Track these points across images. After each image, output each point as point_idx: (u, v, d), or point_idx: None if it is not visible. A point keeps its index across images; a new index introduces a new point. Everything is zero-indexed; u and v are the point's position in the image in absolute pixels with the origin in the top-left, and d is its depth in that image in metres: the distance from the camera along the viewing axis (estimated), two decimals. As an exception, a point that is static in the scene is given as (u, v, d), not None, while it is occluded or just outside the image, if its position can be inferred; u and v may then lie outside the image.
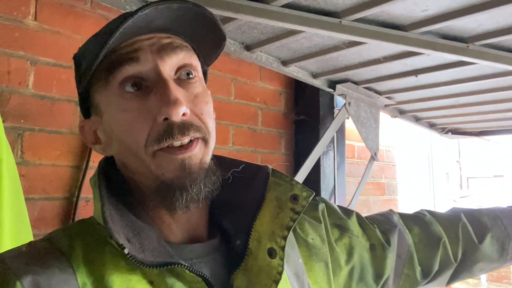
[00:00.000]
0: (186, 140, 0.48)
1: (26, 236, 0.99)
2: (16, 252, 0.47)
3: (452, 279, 0.77)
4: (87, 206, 1.26)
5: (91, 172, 1.25)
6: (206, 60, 0.57)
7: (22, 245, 0.48)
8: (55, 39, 1.24)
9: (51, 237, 0.49)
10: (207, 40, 0.54)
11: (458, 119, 2.28)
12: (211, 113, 0.53)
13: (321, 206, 0.67)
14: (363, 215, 0.75)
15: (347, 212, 0.70)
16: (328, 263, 0.62)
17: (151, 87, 0.49)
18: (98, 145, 0.55)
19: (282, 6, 1.10)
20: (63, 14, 1.25)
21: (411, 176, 3.36)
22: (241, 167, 0.58)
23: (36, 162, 1.18)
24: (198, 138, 0.49)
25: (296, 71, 1.64)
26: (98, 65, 0.49)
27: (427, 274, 0.73)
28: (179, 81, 0.50)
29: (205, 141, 0.50)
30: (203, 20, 0.51)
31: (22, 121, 1.16)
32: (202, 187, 0.49)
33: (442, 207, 3.73)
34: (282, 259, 0.51)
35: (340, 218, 0.68)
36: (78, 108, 1.25)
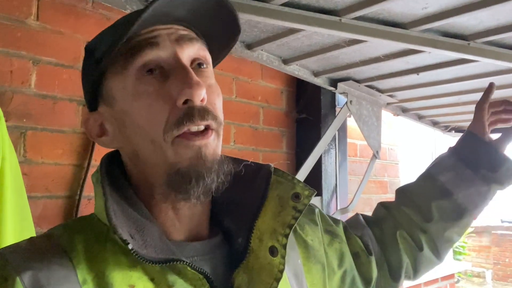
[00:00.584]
0: (203, 125, 0.49)
1: (28, 234, 1.00)
2: (16, 248, 0.47)
3: (438, 255, 0.77)
4: (89, 204, 1.27)
5: (93, 171, 1.26)
6: (213, 59, 0.58)
7: (22, 241, 0.49)
8: (57, 39, 1.25)
9: (52, 233, 0.50)
10: (220, 34, 0.55)
11: (461, 117, 2.27)
12: (221, 107, 0.54)
13: (317, 210, 0.69)
14: (366, 213, 0.76)
15: (335, 220, 0.72)
16: (325, 266, 0.63)
17: (168, 73, 0.49)
18: (104, 137, 0.54)
19: (282, 5, 1.10)
20: (65, 14, 1.26)
21: (414, 175, 3.35)
22: (243, 165, 0.58)
23: (38, 161, 1.19)
24: (213, 129, 0.50)
25: (297, 70, 1.64)
26: (115, 51, 0.49)
27: (396, 272, 0.74)
28: (194, 71, 0.51)
29: (218, 133, 0.51)
30: (220, 10, 0.52)
31: (24, 120, 1.17)
32: (215, 177, 0.49)
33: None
34: (283, 257, 0.51)
35: (330, 225, 0.70)
36: (80, 108, 1.27)
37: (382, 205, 0.82)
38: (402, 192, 0.82)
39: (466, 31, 1.21)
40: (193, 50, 0.51)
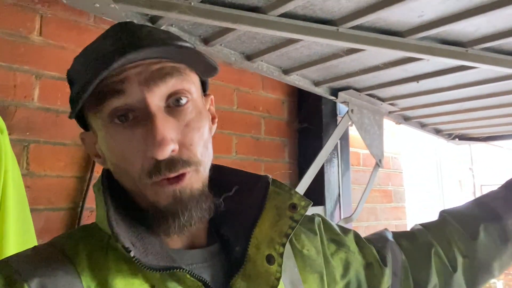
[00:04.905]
0: (173, 175, 0.48)
1: (31, 246, 1.01)
2: (22, 256, 0.48)
3: (472, 285, 0.72)
4: (92, 216, 1.28)
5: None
6: (203, 74, 0.56)
7: (27, 249, 0.50)
8: (60, 53, 1.27)
9: (56, 241, 0.51)
10: (200, 64, 0.53)
11: (464, 124, 2.26)
12: (203, 138, 0.52)
13: (318, 220, 0.68)
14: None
15: (345, 230, 0.71)
16: (323, 275, 0.63)
17: (139, 118, 0.48)
18: (97, 158, 0.56)
19: (279, 16, 1.12)
20: (67, 29, 1.29)
21: (419, 183, 3.32)
22: (240, 178, 0.59)
23: (41, 173, 1.20)
24: (187, 172, 0.49)
25: (297, 80, 1.66)
26: (76, 98, 0.48)
27: None
28: (169, 110, 0.49)
29: (196, 170, 0.51)
30: (193, 53, 0.50)
31: (27, 133, 1.18)
32: (193, 214, 0.50)
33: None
34: (280, 266, 0.52)
35: (336, 234, 0.69)
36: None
37: (419, 224, 0.78)
38: (447, 211, 0.78)
39: (463, 38, 1.22)
40: (166, 88, 0.48)
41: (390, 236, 0.74)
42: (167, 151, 0.46)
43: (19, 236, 0.98)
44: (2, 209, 0.95)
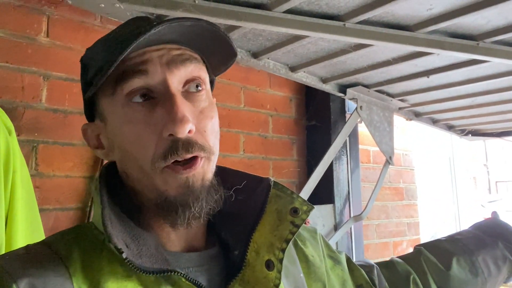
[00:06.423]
0: (189, 156, 0.48)
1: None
2: (12, 255, 0.47)
3: None
4: (100, 216, 1.29)
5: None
6: (214, 71, 0.57)
7: (19, 248, 0.49)
8: (67, 54, 1.28)
9: (49, 241, 0.50)
10: (217, 54, 0.54)
11: (477, 119, 2.21)
12: (214, 128, 0.52)
13: (319, 233, 0.69)
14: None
15: (338, 250, 0.73)
16: (326, 285, 0.62)
17: (158, 99, 0.49)
18: (100, 150, 0.55)
19: (284, 12, 1.11)
20: (74, 30, 1.30)
21: (432, 180, 3.27)
22: (242, 179, 0.58)
23: (50, 174, 1.21)
24: (202, 157, 0.49)
25: (304, 77, 1.64)
26: (95, 77, 0.49)
27: None
28: (187, 94, 0.50)
29: (208, 159, 0.51)
30: (215, 36, 0.51)
31: (36, 134, 1.20)
32: (204, 205, 0.49)
33: (468, 212, 3.61)
34: (279, 272, 0.51)
35: (333, 251, 0.69)
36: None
37: (396, 257, 0.82)
38: (422, 245, 0.82)
39: (474, 31, 1.19)
40: (185, 72, 0.50)
41: (372, 263, 0.77)
42: (187, 128, 0.47)
43: (27, 235, 0.99)
44: (11, 209, 0.96)
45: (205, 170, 0.50)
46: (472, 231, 0.83)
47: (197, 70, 0.51)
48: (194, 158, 0.48)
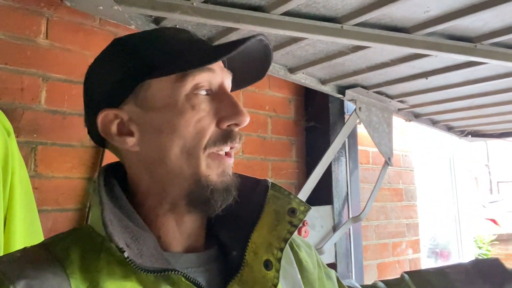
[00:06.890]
0: (235, 146, 0.55)
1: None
2: (10, 257, 0.48)
3: None
4: (99, 217, 1.29)
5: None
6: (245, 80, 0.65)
7: (16, 250, 0.49)
8: (66, 56, 1.28)
9: (46, 243, 0.50)
10: (246, 78, 0.62)
11: (476, 121, 2.21)
12: None
13: (313, 247, 0.71)
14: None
15: (328, 266, 0.74)
16: None
17: (214, 96, 0.54)
18: (125, 138, 0.53)
19: (282, 14, 1.11)
20: (73, 31, 1.31)
21: (432, 181, 3.27)
22: (240, 181, 0.58)
23: (49, 175, 1.22)
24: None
25: (303, 78, 1.64)
26: (173, 63, 0.52)
27: None
28: None
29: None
30: (262, 59, 0.59)
31: (35, 135, 1.20)
32: (229, 198, 0.53)
33: (468, 213, 3.60)
34: (278, 271, 0.52)
35: (325, 267, 0.71)
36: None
37: (380, 280, 0.83)
38: (407, 273, 0.83)
39: (471, 33, 1.19)
40: (229, 82, 0.58)
41: (359, 286, 0.79)
42: (247, 121, 0.55)
43: (26, 237, 0.99)
44: (10, 211, 0.97)
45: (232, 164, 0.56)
46: (467, 266, 0.81)
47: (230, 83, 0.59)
48: (229, 150, 0.55)
